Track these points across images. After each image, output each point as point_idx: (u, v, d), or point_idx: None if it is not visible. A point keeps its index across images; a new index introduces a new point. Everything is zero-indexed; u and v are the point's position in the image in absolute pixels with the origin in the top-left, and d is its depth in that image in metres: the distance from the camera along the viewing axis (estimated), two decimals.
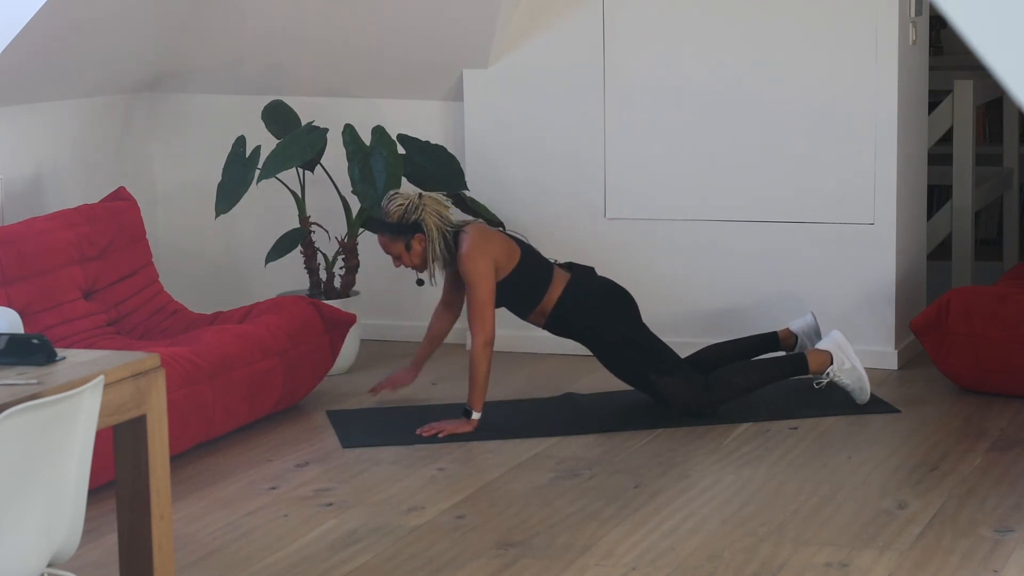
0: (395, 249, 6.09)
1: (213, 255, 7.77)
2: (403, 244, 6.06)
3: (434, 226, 6.03)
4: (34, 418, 3.40)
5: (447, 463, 5.77)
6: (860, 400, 6.30)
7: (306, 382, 6.47)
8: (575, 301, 6.14)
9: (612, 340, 6.17)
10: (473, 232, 6.05)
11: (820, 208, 6.95)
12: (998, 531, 4.95)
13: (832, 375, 6.25)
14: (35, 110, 6.95)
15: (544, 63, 7.21)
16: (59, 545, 3.63)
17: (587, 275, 6.26)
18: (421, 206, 6.05)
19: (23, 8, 6.29)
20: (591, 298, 6.17)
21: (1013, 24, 2.25)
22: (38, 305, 6.07)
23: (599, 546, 4.91)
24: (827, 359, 6.26)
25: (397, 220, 6.05)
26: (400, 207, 6.05)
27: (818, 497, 5.31)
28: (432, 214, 6.04)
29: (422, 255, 6.05)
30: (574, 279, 6.18)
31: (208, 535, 5.10)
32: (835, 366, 6.24)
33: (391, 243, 6.09)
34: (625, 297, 6.25)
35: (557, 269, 6.22)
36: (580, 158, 7.22)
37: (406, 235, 6.05)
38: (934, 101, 7.74)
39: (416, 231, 6.04)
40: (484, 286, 5.99)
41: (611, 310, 6.19)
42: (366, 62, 7.36)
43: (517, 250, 6.13)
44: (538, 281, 6.13)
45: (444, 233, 6.04)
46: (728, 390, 6.18)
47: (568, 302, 6.14)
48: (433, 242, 6.02)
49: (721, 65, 6.99)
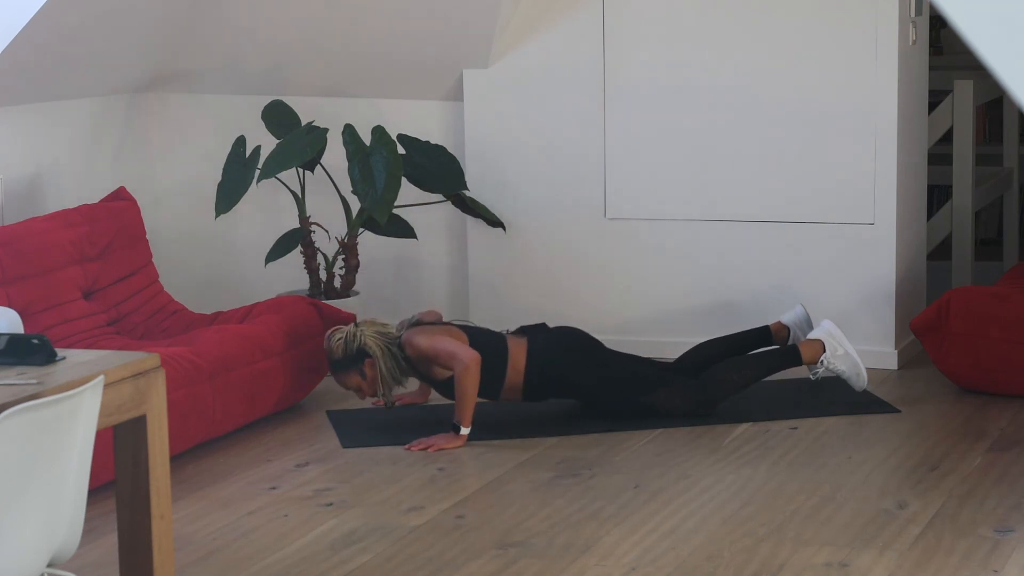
0: (352, 382, 6.08)
1: (213, 255, 7.77)
2: (357, 374, 6.05)
3: (376, 346, 6.01)
4: (34, 418, 3.40)
5: (447, 463, 5.77)
6: (857, 386, 6.29)
7: (306, 382, 6.47)
8: (541, 367, 6.09)
9: (589, 384, 6.15)
10: (419, 334, 6.01)
11: (820, 208, 6.95)
12: (998, 531, 4.95)
13: (826, 363, 6.26)
14: (35, 110, 6.95)
15: (544, 63, 7.21)
16: (59, 545, 3.63)
17: (541, 333, 6.19)
18: (359, 333, 6.04)
19: (23, 8, 6.29)
20: (555, 356, 6.11)
21: (1013, 24, 2.25)
22: (38, 305, 6.07)
23: (599, 546, 4.91)
24: (819, 348, 6.26)
25: (342, 354, 6.04)
26: (339, 341, 6.05)
27: (818, 497, 5.31)
28: (371, 336, 6.03)
29: (375, 379, 6.05)
30: (531, 344, 6.12)
31: (208, 535, 5.10)
32: (828, 353, 6.24)
33: (346, 377, 6.08)
34: (584, 339, 6.21)
35: (512, 339, 6.14)
36: (580, 158, 7.22)
37: (356, 364, 6.04)
38: (934, 101, 7.74)
39: (363, 357, 6.03)
40: (440, 344, 5.96)
41: (576, 360, 6.14)
42: (366, 62, 7.35)
43: (464, 339, 6.08)
44: (494, 360, 6.07)
45: (388, 348, 6.03)
46: (724, 387, 6.18)
47: (535, 370, 6.09)
48: (380, 360, 6.00)
49: (721, 65, 6.99)
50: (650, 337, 7.01)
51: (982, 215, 9.16)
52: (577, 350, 6.17)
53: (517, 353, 6.10)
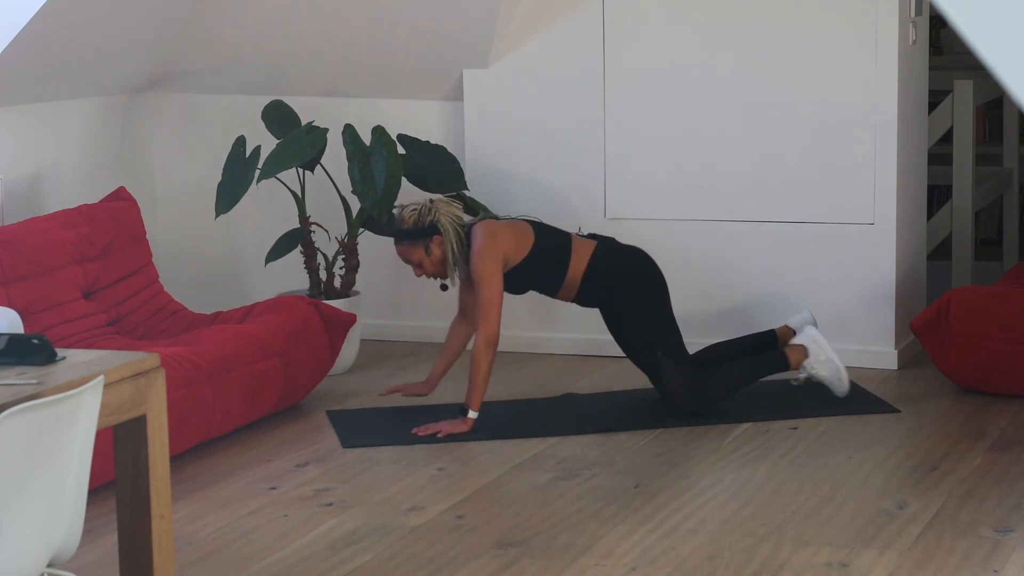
0: (415, 256, 6.06)
1: (213, 255, 7.77)
2: (423, 249, 6.04)
3: (449, 225, 6.02)
4: (34, 418, 3.40)
5: (447, 463, 5.77)
6: (839, 392, 6.29)
7: (306, 382, 6.47)
8: (602, 271, 6.14)
9: (631, 308, 6.15)
10: (482, 230, 6.04)
11: (820, 208, 6.95)
12: (998, 531, 4.95)
13: (808, 368, 6.26)
14: (35, 110, 6.95)
15: (544, 63, 7.21)
16: (59, 545, 3.63)
17: (611, 243, 6.26)
18: (434, 208, 6.04)
19: (23, 8, 6.29)
20: (620, 264, 6.17)
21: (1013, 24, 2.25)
22: (38, 305, 6.07)
23: (599, 546, 4.91)
24: (803, 353, 6.26)
25: (413, 225, 6.03)
26: (414, 212, 6.04)
27: (818, 497, 5.31)
28: (445, 214, 6.04)
29: (442, 258, 6.04)
30: (599, 249, 6.18)
31: (208, 535, 5.10)
32: (811, 359, 6.24)
33: (411, 250, 6.06)
34: (655, 269, 6.25)
35: (581, 241, 6.19)
36: (580, 158, 7.22)
37: (424, 238, 6.03)
38: (934, 101, 7.74)
39: (433, 233, 6.02)
40: (491, 284, 5.98)
41: (642, 277, 6.18)
42: (366, 62, 7.36)
43: (530, 235, 6.12)
44: (557, 260, 6.12)
45: (458, 232, 6.04)
46: (716, 390, 6.18)
47: (595, 273, 6.13)
48: (450, 242, 6.01)
49: (721, 65, 6.99)
50: None
51: (982, 215, 9.16)
52: (645, 271, 6.20)
53: (581, 256, 6.14)
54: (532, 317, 7.16)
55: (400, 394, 6.40)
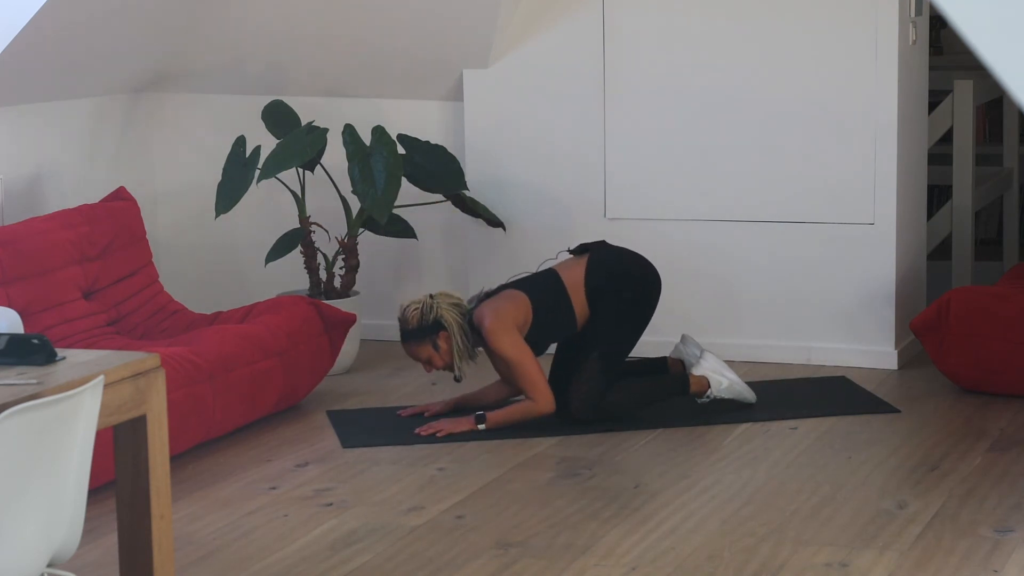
0: (424, 353, 6.08)
1: (213, 255, 7.77)
2: (430, 345, 6.06)
3: (452, 320, 6.04)
4: (34, 418, 3.40)
5: (447, 463, 5.77)
6: (750, 401, 6.28)
7: (306, 382, 6.47)
8: (600, 286, 6.13)
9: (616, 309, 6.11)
10: (487, 313, 6.03)
11: (820, 208, 6.95)
12: (998, 531, 4.95)
13: (713, 396, 6.25)
14: (35, 110, 6.95)
15: (544, 63, 7.21)
16: (59, 545, 3.63)
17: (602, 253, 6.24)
18: (435, 304, 6.06)
19: (23, 8, 6.29)
20: (619, 272, 6.17)
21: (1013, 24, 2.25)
22: (38, 305, 6.07)
23: (599, 546, 4.91)
24: (705, 384, 6.25)
25: (418, 324, 6.06)
26: (416, 311, 6.07)
27: (818, 497, 5.31)
28: (447, 309, 6.06)
29: (450, 352, 6.06)
30: (591, 266, 6.16)
31: (208, 535, 5.10)
32: (712, 389, 6.24)
33: (419, 348, 6.08)
34: (654, 283, 6.25)
35: (570, 271, 6.16)
36: (580, 158, 7.22)
37: (431, 336, 6.05)
38: (934, 101, 7.74)
39: (439, 329, 6.05)
40: (521, 357, 6.00)
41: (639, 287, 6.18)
42: (366, 62, 7.36)
43: (524, 300, 6.10)
44: (560, 309, 6.11)
45: (461, 324, 6.06)
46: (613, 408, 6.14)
47: (596, 290, 6.12)
48: (455, 336, 6.04)
49: (721, 65, 6.99)
50: (649, 337, 6.99)
51: (982, 215, 9.16)
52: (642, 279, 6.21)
53: (575, 281, 6.14)
54: None
55: (425, 414, 6.34)
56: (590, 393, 6.07)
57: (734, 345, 7.03)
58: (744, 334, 7.07)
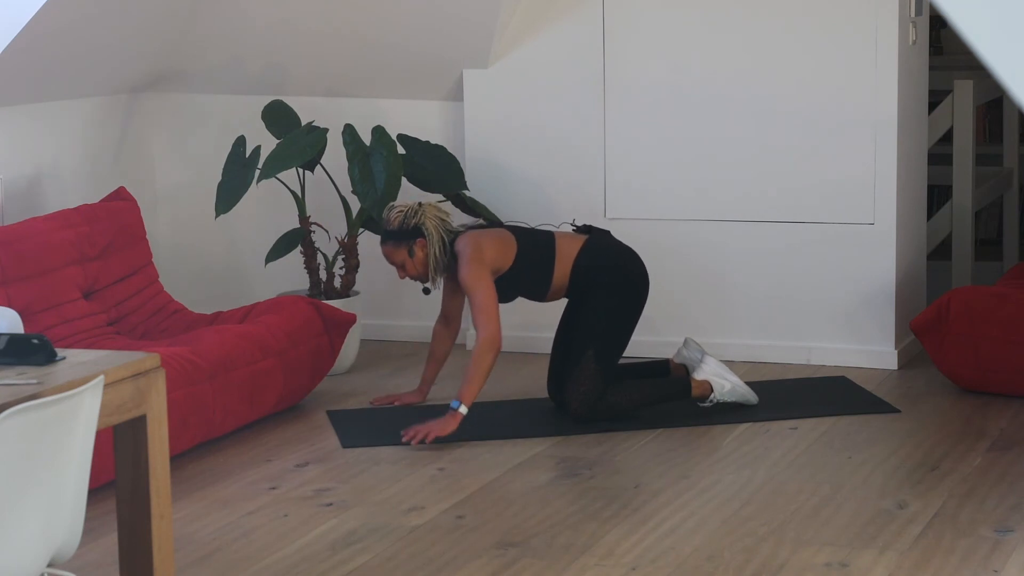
0: (398, 257, 6.11)
1: (213, 255, 7.77)
2: (406, 250, 6.08)
3: (434, 229, 6.07)
4: (34, 418, 3.40)
5: (447, 463, 5.77)
6: (752, 403, 6.28)
7: (306, 382, 6.47)
8: (588, 268, 6.14)
9: (605, 304, 6.11)
10: (467, 241, 6.06)
11: (820, 208, 6.95)
12: (998, 531, 4.95)
13: (716, 400, 6.25)
14: (35, 110, 6.95)
15: (544, 63, 7.21)
16: (59, 545, 3.63)
17: (604, 239, 6.25)
18: (420, 211, 6.10)
19: (23, 8, 6.29)
20: (610, 264, 6.16)
21: (1013, 24, 2.25)
22: (38, 305, 6.07)
23: (599, 546, 4.91)
24: (708, 387, 6.25)
25: (398, 226, 6.08)
26: (400, 214, 6.11)
27: (818, 497, 5.31)
28: (431, 218, 6.09)
29: (424, 261, 6.07)
30: (588, 245, 6.18)
31: (208, 535, 5.10)
32: (715, 393, 6.24)
33: (394, 251, 6.11)
34: (644, 280, 6.23)
35: (567, 241, 6.18)
36: (580, 158, 7.22)
37: (408, 240, 6.07)
38: (934, 101, 7.74)
39: (417, 235, 6.07)
40: (483, 291, 5.98)
41: (627, 281, 6.15)
42: (366, 62, 7.36)
43: (513, 244, 6.13)
44: (541, 268, 6.13)
45: (443, 238, 6.07)
46: (615, 407, 6.14)
47: (581, 271, 6.14)
48: (433, 246, 6.05)
49: (721, 65, 6.99)
50: (649, 337, 7.01)
51: (982, 215, 9.16)
52: (632, 274, 6.18)
53: (568, 251, 6.15)
54: (531, 317, 7.15)
55: (394, 403, 6.42)
56: (588, 393, 6.08)
57: (734, 345, 7.04)
58: (744, 334, 7.07)
